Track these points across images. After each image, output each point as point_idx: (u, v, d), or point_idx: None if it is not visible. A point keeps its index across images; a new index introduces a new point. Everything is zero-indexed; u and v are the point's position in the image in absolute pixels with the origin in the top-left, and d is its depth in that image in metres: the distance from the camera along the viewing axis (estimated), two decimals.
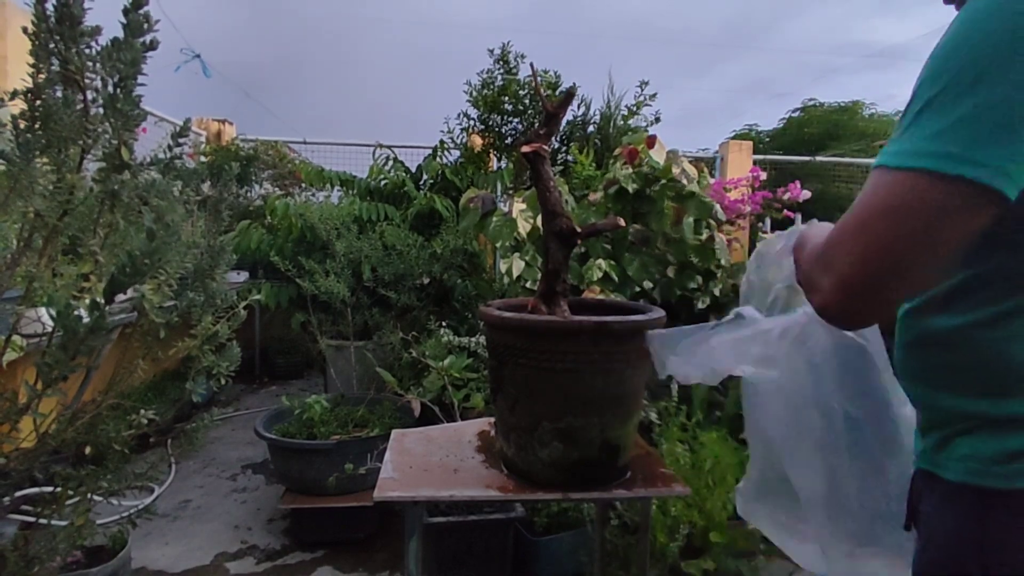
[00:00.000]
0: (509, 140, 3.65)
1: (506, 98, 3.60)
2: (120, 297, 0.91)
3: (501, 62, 3.67)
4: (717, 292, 2.50)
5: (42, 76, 0.88)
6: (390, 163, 3.77)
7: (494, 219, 2.68)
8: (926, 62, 0.51)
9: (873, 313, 0.52)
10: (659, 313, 1.05)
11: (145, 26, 0.89)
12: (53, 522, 1.06)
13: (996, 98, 0.45)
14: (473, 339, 2.41)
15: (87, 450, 1.12)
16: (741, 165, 4.78)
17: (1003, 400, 0.53)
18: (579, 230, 1.03)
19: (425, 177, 3.80)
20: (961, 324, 0.56)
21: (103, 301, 0.81)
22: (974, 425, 0.55)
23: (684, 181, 2.42)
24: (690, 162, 2.57)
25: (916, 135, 0.49)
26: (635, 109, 3.49)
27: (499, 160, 3.84)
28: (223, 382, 1.18)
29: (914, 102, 0.50)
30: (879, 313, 0.52)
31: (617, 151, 2.63)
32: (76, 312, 0.79)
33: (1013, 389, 0.53)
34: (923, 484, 0.60)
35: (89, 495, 1.08)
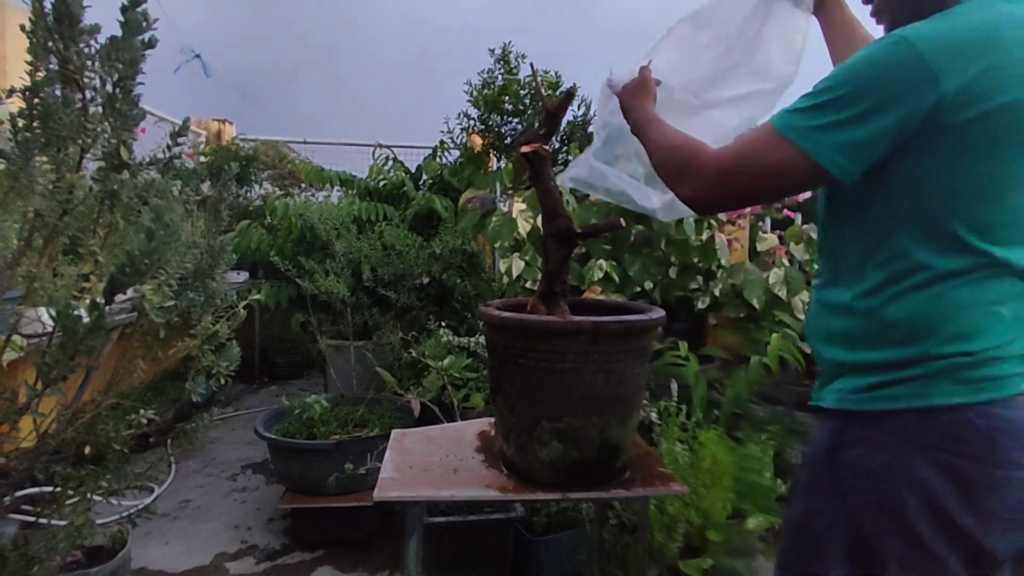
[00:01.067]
0: (509, 140, 3.65)
1: (506, 98, 3.60)
2: (120, 297, 0.91)
3: (502, 62, 3.66)
4: (717, 292, 2.50)
5: (40, 74, 0.88)
6: (390, 163, 3.77)
7: (494, 219, 2.68)
8: (850, 61, 0.67)
9: (718, 211, 0.83)
10: (659, 313, 1.05)
11: (144, 24, 0.89)
12: (53, 522, 1.06)
13: (875, 127, 0.65)
14: (473, 339, 2.41)
15: (87, 450, 1.12)
16: None
17: (872, 351, 0.72)
18: (579, 231, 1.03)
19: (424, 177, 3.80)
20: (850, 296, 0.74)
21: (103, 301, 0.81)
22: (847, 369, 0.74)
23: None
24: None
25: (809, 118, 0.68)
26: None
27: (499, 160, 3.83)
28: (223, 382, 1.18)
29: (824, 89, 0.68)
30: (719, 212, 0.82)
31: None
32: (76, 312, 0.79)
33: (880, 343, 0.71)
34: (814, 416, 0.81)
35: (89, 495, 1.08)
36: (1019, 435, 0.66)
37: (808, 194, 3.19)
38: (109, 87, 0.90)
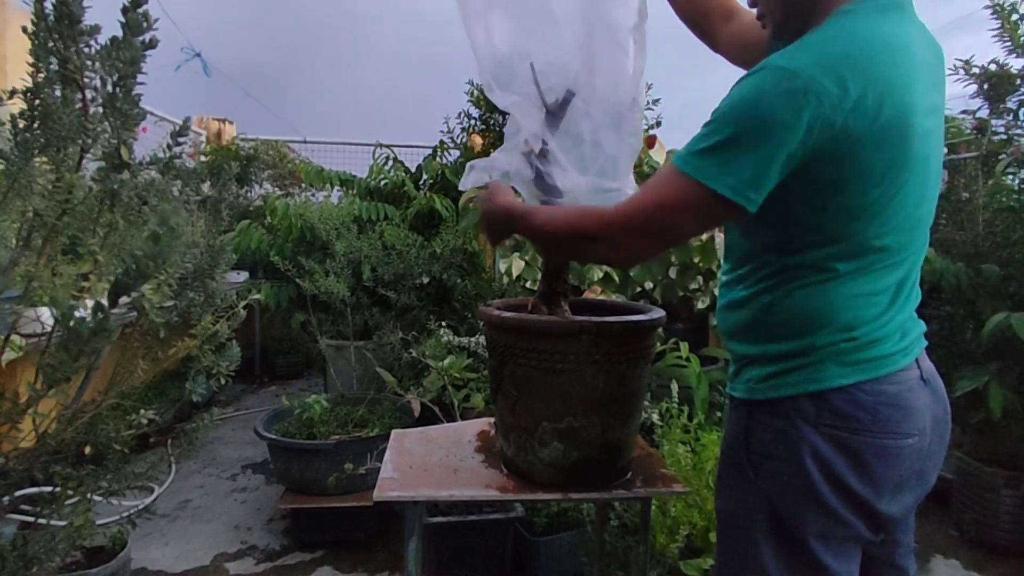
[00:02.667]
0: None
1: None
2: (122, 299, 0.90)
3: None
4: (717, 292, 2.50)
5: (41, 75, 0.88)
6: (390, 163, 3.77)
7: None
8: (736, 95, 0.70)
9: (637, 263, 0.90)
10: (659, 313, 1.05)
11: (144, 25, 0.89)
12: (52, 522, 1.06)
13: (761, 157, 0.68)
14: (473, 339, 2.40)
15: (87, 450, 1.12)
16: None
17: (770, 343, 0.79)
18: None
19: (425, 177, 3.79)
20: (750, 294, 0.81)
21: (107, 303, 0.81)
22: (751, 361, 0.81)
23: None
24: None
25: (708, 155, 0.70)
26: None
27: None
28: (223, 382, 1.18)
29: (719, 126, 0.70)
30: (639, 263, 0.91)
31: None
32: (79, 313, 0.79)
33: (776, 335, 0.78)
34: (729, 406, 0.88)
35: (89, 495, 1.07)
36: (901, 407, 0.74)
37: None
38: (109, 87, 0.90)
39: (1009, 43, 2.38)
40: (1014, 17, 2.35)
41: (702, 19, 1.06)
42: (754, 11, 0.87)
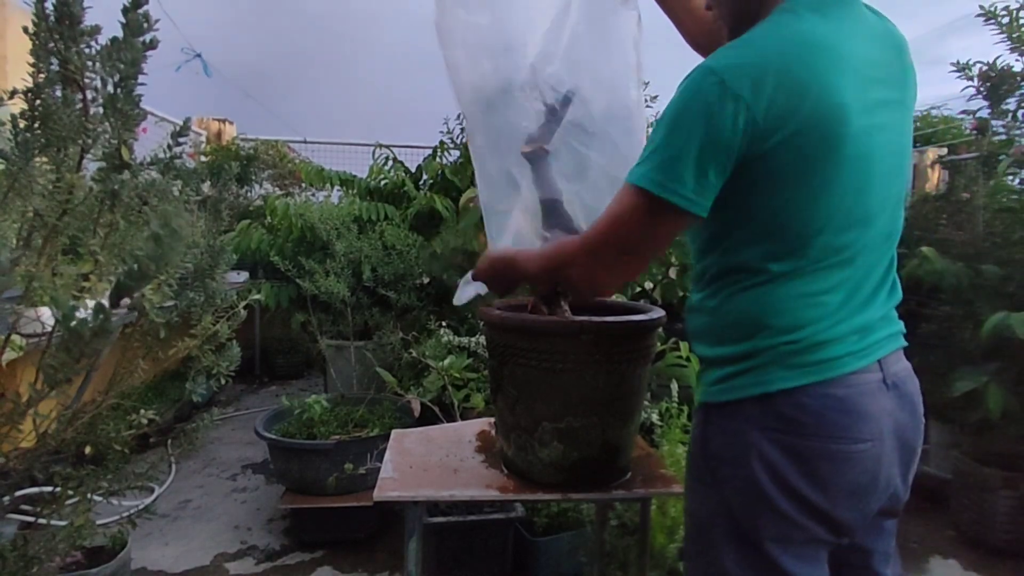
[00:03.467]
0: None
1: None
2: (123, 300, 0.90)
3: None
4: None
5: (42, 76, 0.88)
6: (390, 163, 3.77)
7: None
8: (673, 102, 0.72)
9: (613, 284, 0.87)
10: (659, 313, 1.05)
11: (145, 25, 0.89)
12: (53, 522, 1.06)
13: (691, 155, 0.69)
14: (473, 339, 2.40)
15: (87, 450, 1.12)
16: None
17: (718, 346, 0.79)
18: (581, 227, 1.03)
19: (425, 177, 3.79)
20: (702, 297, 0.82)
21: (108, 304, 0.81)
22: (707, 364, 0.81)
23: None
24: None
25: (654, 166, 0.71)
26: None
27: None
28: (223, 382, 1.18)
29: (660, 134, 0.72)
30: (615, 284, 0.88)
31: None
32: (79, 314, 0.79)
33: (723, 339, 0.78)
34: (695, 410, 0.87)
35: (89, 495, 1.07)
36: (850, 411, 0.72)
37: None
38: (110, 87, 0.90)
39: (1009, 42, 2.38)
40: (1014, 17, 2.35)
41: (716, 47, 1.06)
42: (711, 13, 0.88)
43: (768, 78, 0.67)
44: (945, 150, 3.76)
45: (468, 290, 1.07)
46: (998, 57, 2.47)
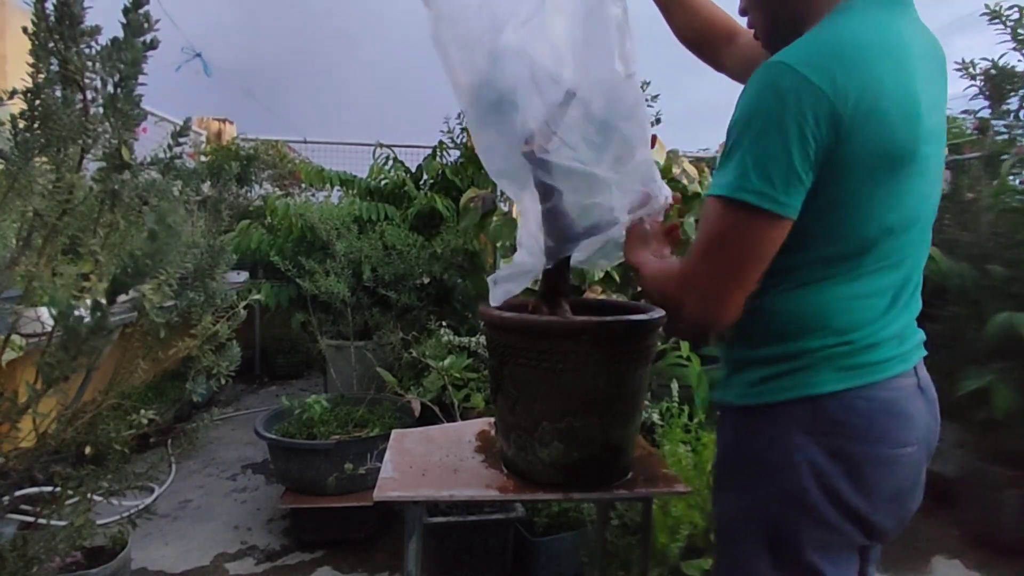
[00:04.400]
0: None
1: None
2: (120, 297, 0.90)
3: None
4: None
5: (41, 76, 0.88)
6: (390, 163, 3.77)
7: (494, 219, 2.68)
8: (745, 105, 0.68)
9: (729, 314, 0.72)
10: (660, 313, 1.05)
11: (145, 26, 0.88)
12: (53, 522, 1.06)
13: (775, 155, 0.66)
14: (473, 339, 2.40)
15: (87, 450, 1.12)
16: None
17: (762, 346, 0.76)
18: (580, 230, 1.03)
19: (425, 177, 3.79)
20: None
21: (105, 302, 0.81)
22: (744, 365, 0.79)
23: (684, 181, 2.42)
24: (690, 162, 2.56)
25: (739, 174, 0.67)
26: None
27: None
28: (223, 382, 1.18)
29: (737, 140, 0.68)
30: (734, 313, 0.72)
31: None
32: (78, 312, 0.79)
33: (769, 338, 0.76)
34: (720, 413, 0.85)
35: (89, 495, 1.07)
36: (897, 415, 0.72)
37: None
38: (110, 87, 0.90)
39: (1014, 43, 2.38)
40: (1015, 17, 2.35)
41: (705, 44, 1.04)
42: (746, 24, 0.86)
43: (843, 73, 0.64)
44: (946, 150, 3.75)
45: (498, 291, 1.04)
46: (1003, 55, 2.47)
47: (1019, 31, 2.36)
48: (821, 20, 0.72)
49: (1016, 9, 2.35)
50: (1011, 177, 2.48)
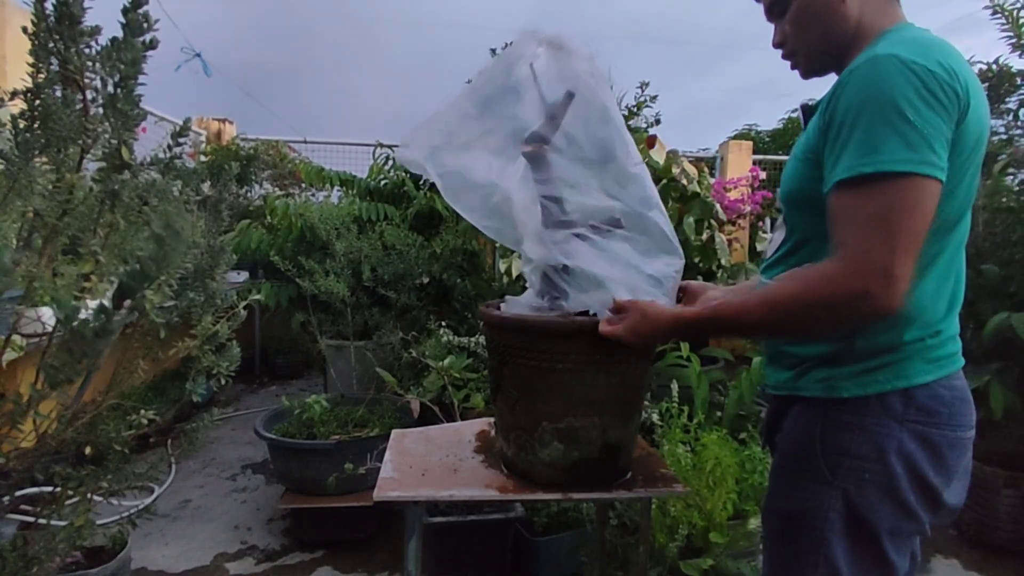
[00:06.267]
0: None
1: None
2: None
3: None
4: None
5: (41, 76, 0.88)
6: (390, 163, 3.77)
7: None
8: (866, 93, 0.69)
9: (908, 294, 0.67)
10: None
11: (145, 25, 0.89)
12: (53, 522, 1.06)
13: (921, 127, 0.66)
14: (473, 339, 2.40)
15: (87, 450, 1.12)
16: (741, 165, 4.78)
17: (852, 340, 0.77)
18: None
19: (425, 177, 3.79)
20: None
21: (111, 305, 0.81)
22: (825, 359, 0.79)
23: (684, 181, 2.42)
24: (690, 162, 2.57)
25: (895, 147, 0.66)
26: (635, 110, 3.48)
27: None
28: (223, 382, 1.18)
29: (860, 129, 0.68)
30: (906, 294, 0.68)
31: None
32: (81, 315, 0.79)
33: (862, 332, 0.76)
34: (781, 407, 0.87)
35: (89, 495, 1.07)
36: (967, 401, 0.79)
37: None
38: (110, 87, 0.90)
39: (1013, 40, 2.38)
40: (1022, 14, 2.34)
41: None
42: (782, 56, 0.89)
43: (950, 61, 0.69)
44: None
45: (515, 307, 1.05)
46: (1000, 56, 2.47)
47: (1020, 34, 2.36)
48: (876, 38, 0.76)
49: (1014, 5, 2.35)
50: (1009, 178, 2.49)
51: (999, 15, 2.38)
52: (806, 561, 0.78)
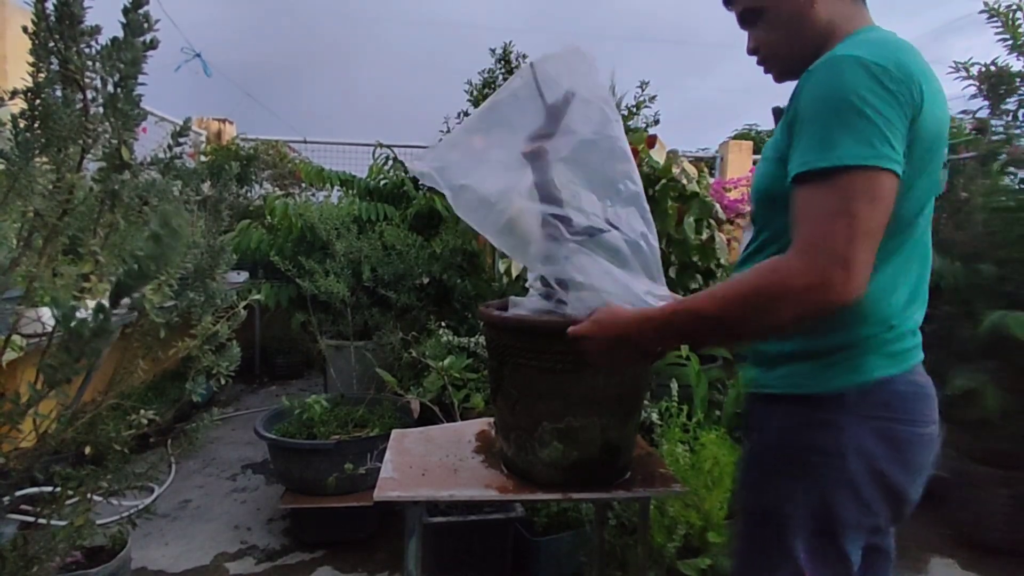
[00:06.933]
0: None
1: None
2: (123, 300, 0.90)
3: (502, 62, 3.66)
4: None
5: (42, 75, 0.88)
6: (390, 163, 3.77)
7: None
8: (824, 89, 0.71)
9: (865, 286, 0.68)
10: None
11: (145, 25, 0.89)
12: (52, 522, 1.06)
13: (877, 124, 0.68)
14: (473, 339, 2.41)
15: (87, 450, 1.12)
16: (741, 165, 4.78)
17: (810, 338, 0.78)
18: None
19: None
20: None
21: (108, 304, 0.81)
22: (791, 357, 0.80)
23: (684, 181, 2.42)
24: (690, 162, 2.57)
25: (832, 146, 0.68)
26: (635, 110, 3.49)
27: None
28: (223, 382, 1.18)
29: (819, 126, 0.70)
30: (862, 291, 0.68)
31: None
32: (80, 314, 0.79)
33: (818, 329, 0.76)
34: (752, 405, 0.88)
35: (89, 495, 1.07)
36: (926, 397, 0.79)
37: None
38: (111, 87, 0.90)
39: (1010, 42, 2.39)
40: (1017, 16, 2.35)
41: None
42: (756, 62, 0.90)
43: (909, 61, 0.71)
44: (945, 149, 3.76)
45: (521, 309, 1.05)
46: (996, 57, 2.47)
47: (1016, 37, 2.36)
48: (846, 39, 0.78)
49: (1009, 8, 2.35)
50: (1009, 178, 2.49)
51: (995, 19, 2.38)
52: (770, 557, 0.79)
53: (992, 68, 2.46)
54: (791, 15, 0.82)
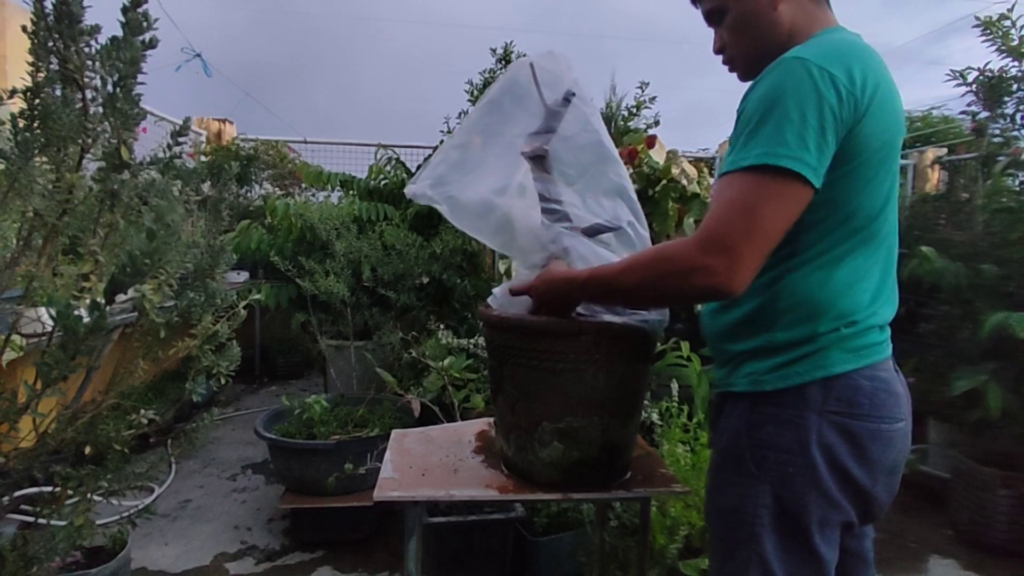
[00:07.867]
0: None
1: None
2: (120, 297, 0.90)
3: (503, 62, 3.66)
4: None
5: (41, 75, 0.88)
6: (390, 163, 3.77)
7: None
8: (768, 89, 0.73)
9: (749, 283, 0.71)
10: (661, 315, 1.05)
11: (144, 25, 0.89)
12: (52, 522, 1.06)
13: (802, 126, 0.70)
14: (473, 340, 2.40)
15: (87, 450, 1.12)
16: None
17: (773, 332, 0.79)
18: (580, 230, 1.03)
19: None
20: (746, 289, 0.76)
21: (104, 301, 0.81)
22: (753, 354, 0.80)
23: (684, 181, 2.42)
24: (690, 162, 2.57)
25: (750, 145, 0.71)
26: (635, 111, 3.48)
27: None
28: (223, 382, 1.18)
29: (751, 123, 0.72)
30: (749, 283, 0.71)
31: (617, 151, 2.62)
32: (76, 312, 0.79)
33: (778, 325, 0.78)
34: (721, 403, 0.87)
35: (89, 495, 1.07)
36: (892, 393, 0.78)
37: None
38: (110, 87, 0.90)
39: (1003, 49, 2.39)
40: (1006, 23, 2.36)
41: None
42: (722, 61, 0.92)
43: (858, 66, 0.72)
44: (945, 150, 3.77)
45: (499, 301, 1.06)
46: (988, 63, 2.48)
47: (1007, 42, 2.37)
48: (808, 40, 0.79)
49: (1000, 16, 2.36)
50: (1008, 178, 2.49)
51: (988, 31, 2.39)
52: (740, 557, 0.79)
53: (988, 75, 2.47)
54: (754, 15, 0.83)
